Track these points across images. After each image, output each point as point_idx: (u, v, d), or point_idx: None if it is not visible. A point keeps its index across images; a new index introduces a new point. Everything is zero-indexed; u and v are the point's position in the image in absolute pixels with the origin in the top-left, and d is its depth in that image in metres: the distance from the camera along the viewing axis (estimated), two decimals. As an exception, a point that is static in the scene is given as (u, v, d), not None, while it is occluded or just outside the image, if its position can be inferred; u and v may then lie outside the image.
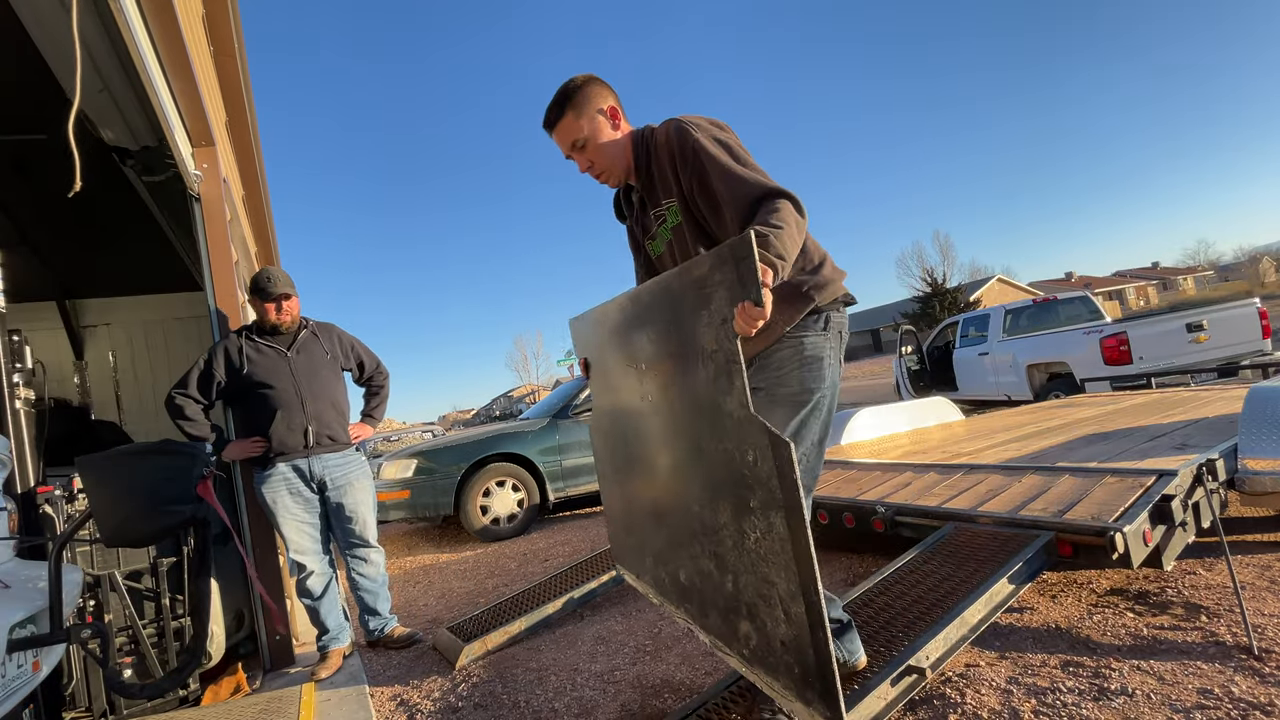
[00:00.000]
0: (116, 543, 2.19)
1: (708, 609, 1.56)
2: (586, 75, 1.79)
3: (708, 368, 1.39)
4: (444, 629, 3.07)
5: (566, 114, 1.76)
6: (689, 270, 1.40)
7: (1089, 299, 9.01)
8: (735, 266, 1.26)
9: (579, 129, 1.76)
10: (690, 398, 1.48)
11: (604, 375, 1.98)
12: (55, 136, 3.28)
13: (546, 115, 1.79)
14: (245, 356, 2.81)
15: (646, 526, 1.88)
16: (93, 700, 2.45)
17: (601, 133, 1.77)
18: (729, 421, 1.35)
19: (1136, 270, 68.05)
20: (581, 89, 1.76)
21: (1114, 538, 2.08)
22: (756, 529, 1.32)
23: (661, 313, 1.54)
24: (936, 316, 34.55)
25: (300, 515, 2.83)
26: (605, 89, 1.79)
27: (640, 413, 1.75)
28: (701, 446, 1.47)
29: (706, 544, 1.51)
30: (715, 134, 1.67)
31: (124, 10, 2.01)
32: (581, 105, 1.75)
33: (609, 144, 1.78)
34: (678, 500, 1.63)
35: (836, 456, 4.32)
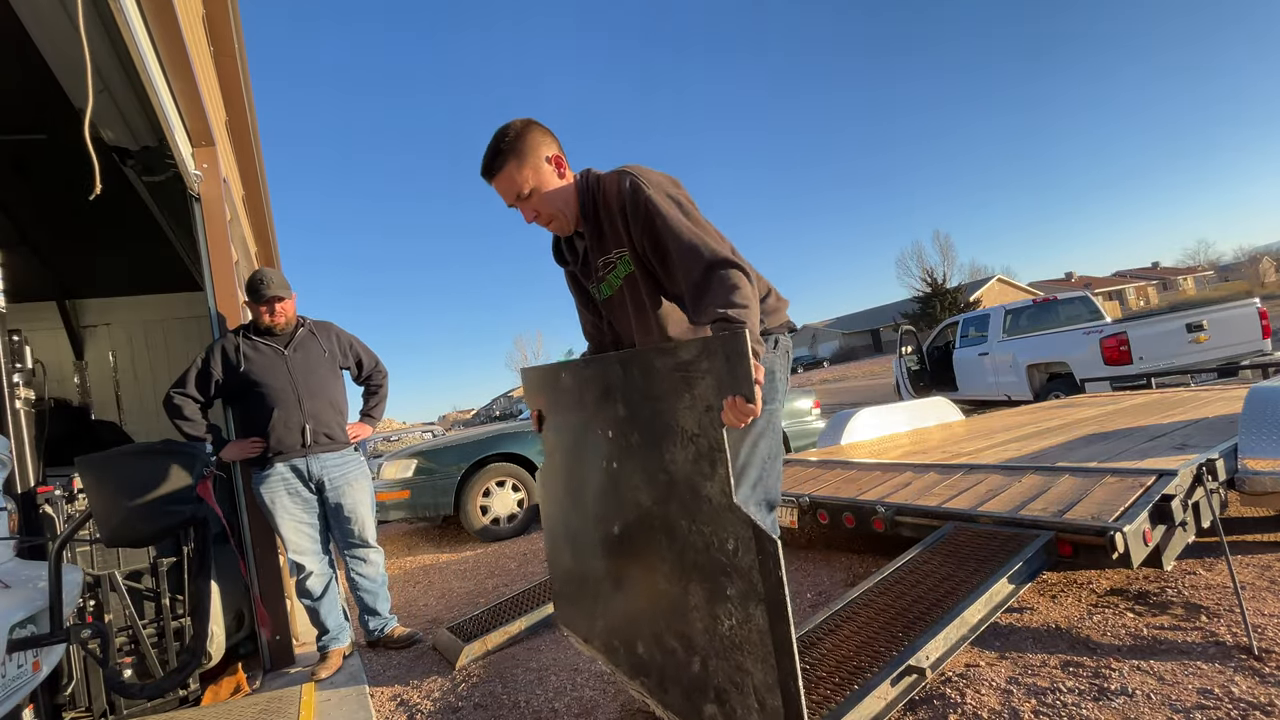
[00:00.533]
0: (116, 543, 2.19)
1: (668, 685, 1.54)
2: (525, 120, 1.71)
3: (688, 449, 1.37)
4: (444, 629, 3.07)
5: (508, 163, 1.67)
6: (673, 352, 1.37)
7: (1089, 299, 9.01)
8: (726, 361, 1.24)
9: (523, 179, 1.68)
10: (665, 475, 1.46)
11: (561, 433, 1.93)
12: (56, 137, 3.30)
13: (486, 164, 1.69)
14: (242, 355, 2.81)
15: (601, 591, 1.83)
16: (93, 700, 2.45)
17: (547, 182, 1.70)
18: (708, 507, 1.33)
19: (1136, 270, 68.06)
20: (523, 136, 1.67)
21: (1114, 537, 2.08)
22: (733, 616, 1.30)
23: (638, 386, 1.50)
24: (936, 316, 34.56)
25: (299, 515, 2.83)
26: (547, 135, 1.71)
27: (603, 477, 1.71)
28: (674, 525, 1.45)
29: (673, 622, 1.48)
30: (668, 190, 1.63)
31: (124, 10, 2.01)
32: (524, 154, 1.67)
33: (556, 193, 1.71)
34: (641, 573, 1.60)
35: (836, 456, 4.32)
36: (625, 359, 1.54)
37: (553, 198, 1.71)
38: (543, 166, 1.69)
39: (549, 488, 2.13)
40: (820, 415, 7.22)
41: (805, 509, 3.30)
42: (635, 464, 1.57)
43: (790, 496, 3.40)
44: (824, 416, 6.77)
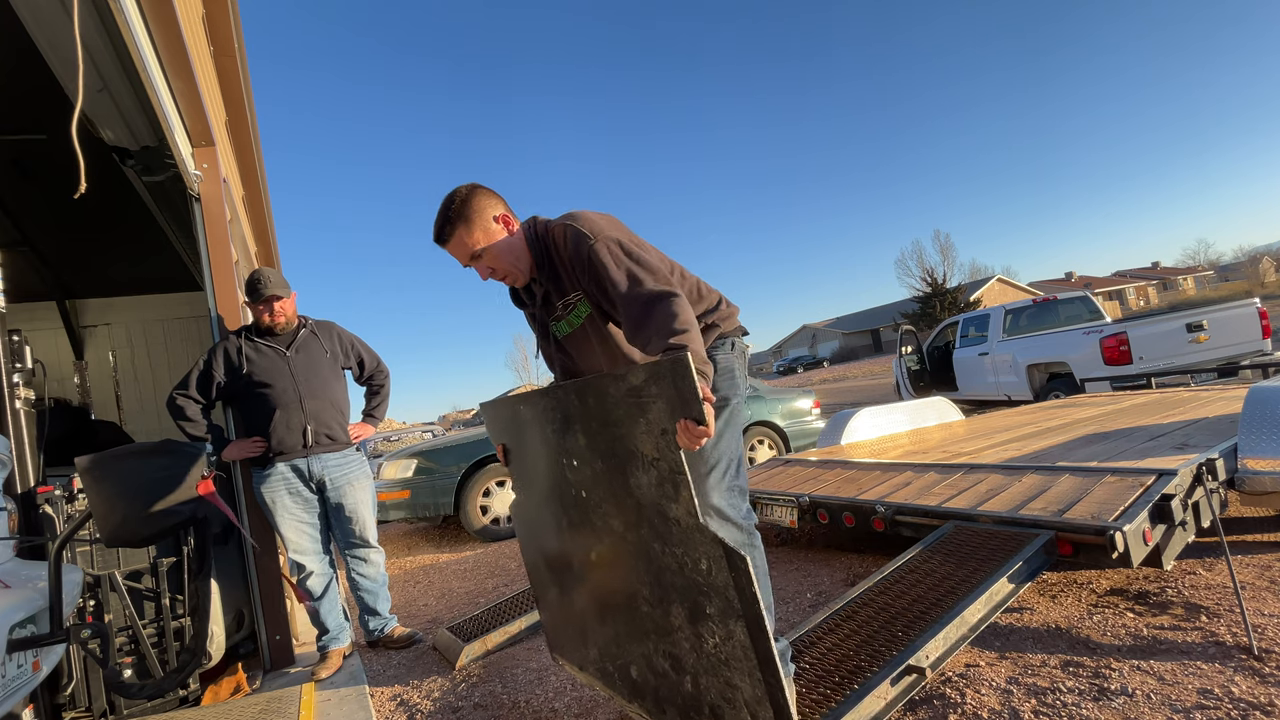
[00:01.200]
0: (116, 543, 2.20)
1: (665, 705, 1.54)
2: (470, 186, 1.79)
3: (650, 474, 1.38)
4: (444, 629, 3.07)
5: (457, 229, 1.75)
6: (624, 378, 1.37)
7: (1089, 299, 9.01)
8: (673, 384, 1.25)
9: (473, 241, 1.75)
10: (632, 500, 1.46)
11: (527, 464, 1.92)
12: (55, 137, 3.30)
13: (436, 231, 1.77)
14: (244, 356, 2.81)
15: (588, 619, 1.83)
16: (93, 700, 2.45)
17: (498, 242, 1.77)
18: (676, 529, 1.33)
19: (1136, 270, 68.06)
20: (469, 201, 1.75)
21: (1114, 537, 2.08)
22: (715, 634, 1.31)
23: (594, 414, 1.50)
24: (936, 316, 34.59)
25: (300, 515, 2.83)
26: (492, 197, 1.80)
27: (573, 506, 1.71)
28: (648, 549, 1.45)
29: (661, 644, 1.49)
30: (609, 238, 1.69)
31: (124, 10, 2.01)
32: (471, 218, 1.75)
33: (506, 249, 1.79)
34: (625, 598, 1.60)
35: (836, 456, 4.32)
36: (580, 388, 1.53)
37: (504, 254, 1.78)
38: (491, 227, 1.77)
39: (523, 520, 2.10)
40: (820, 415, 7.22)
41: (805, 509, 3.30)
42: (603, 492, 1.56)
43: (790, 496, 3.41)
44: (824, 416, 6.77)
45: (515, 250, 1.80)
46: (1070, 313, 8.81)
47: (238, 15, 3.69)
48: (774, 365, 60.29)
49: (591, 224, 1.72)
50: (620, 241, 1.69)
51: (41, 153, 3.52)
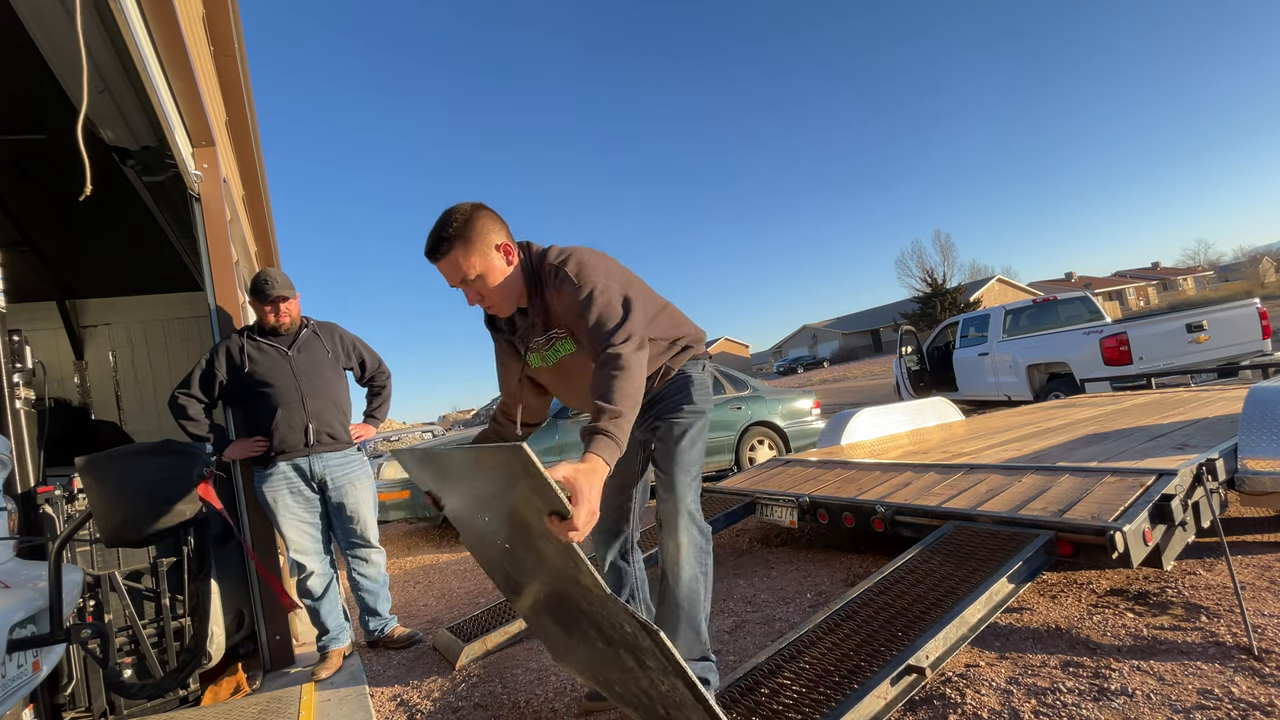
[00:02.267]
0: (116, 543, 2.19)
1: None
2: (474, 205, 1.71)
3: (547, 545, 1.33)
4: (444, 629, 3.07)
5: (455, 248, 1.66)
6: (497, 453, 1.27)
7: (1089, 299, 9.01)
8: (526, 479, 1.20)
9: (469, 266, 1.67)
10: (545, 563, 1.42)
11: (457, 513, 1.86)
12: (55, 137, 3.30)
13: (431, 245, 1.68)
14: (246, 356, 2.81)
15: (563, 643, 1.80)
16: (93, 700, 2.45)
17: (495, 271, 1.71)
18: (592, 596, 1.29)
19: (1136, 270, 68.04)
20: (471, 222, 1.67)
21: (1114, 537, 2.08)
22: (664, 684, 1.31)
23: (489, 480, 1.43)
24: (937, 316, 34.59)
25: (301, 515, 2.83)
26: (496, 222, 1.73)
27: (506, 556, 1.67)
28: (579, 605, 1.41)
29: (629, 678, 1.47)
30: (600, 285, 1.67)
31: (124, 11, 2.01)
32: (472, 241, 1.67)
33: (502, 280, 1.73)
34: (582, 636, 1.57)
35: (836, 456, 4.32)
36: (476, 455, 1.42)
37: (498, 284, 1.73)
38: (491, 254, 1.70)
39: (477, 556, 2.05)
40: (820, 415, 7.22)
41: (805, 509, 3.30)
42: (522, 548, 1.51)
43: (790, 496, 3.41)
44: (824, 416, 6.77)
45: (510, 282, 1.75)
46: (1070, 313, 8.81)
47: (238, 15, 3.69)
48: (774, 365, 60.28)
49: (584, 271, 1.69)
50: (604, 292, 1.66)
51: (41, 153, 3.52)
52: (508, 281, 1.74)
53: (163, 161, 3.00)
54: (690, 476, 1.92)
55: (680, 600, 1.89)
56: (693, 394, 1.99)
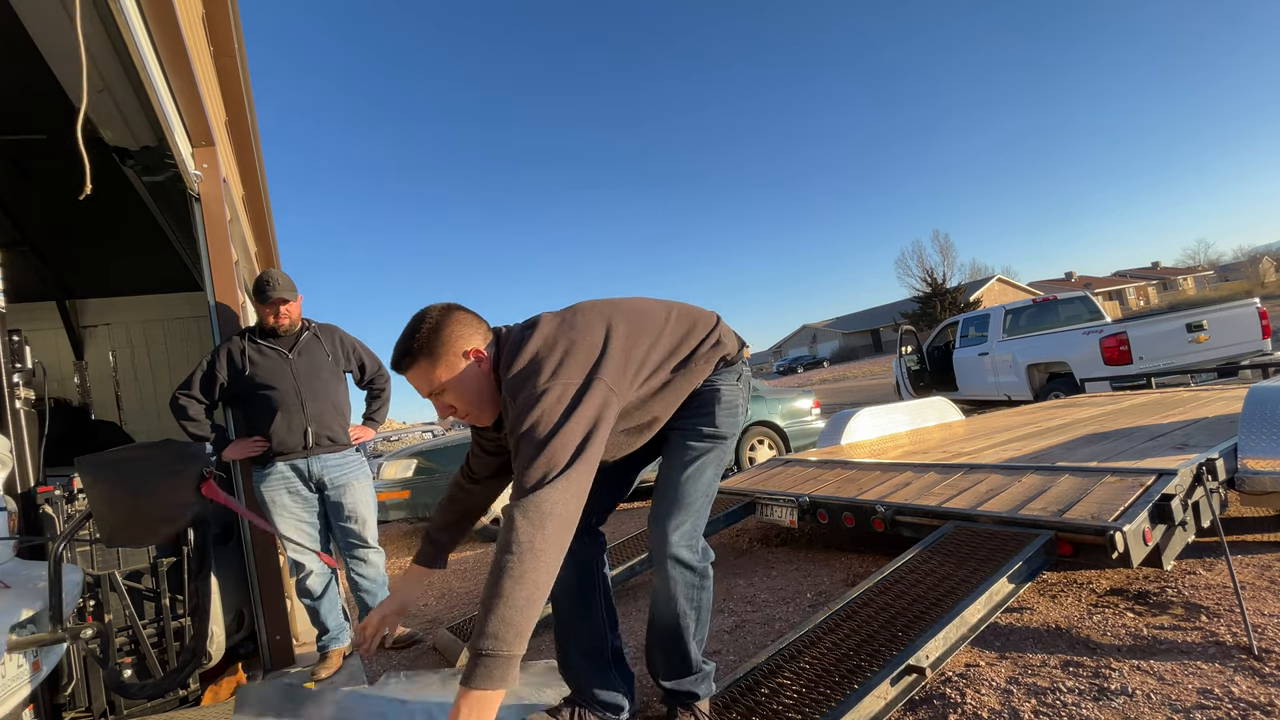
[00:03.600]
0: (116, 543, 2.19)
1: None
2: (444, 309, 1.57)
3: None
4: (444, 629, 3.06)
5: (419, 361, 1.52)
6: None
7: (1089, 299, 9.01)
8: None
9: (436, 377, 1.53)
10: None
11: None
12: (55, 137, 3.29)
13: (396, 357, 1.55)
14: (247, 358, 2.82)
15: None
16: (93, 700, 2.45)
17: (465, 380, 1.55)
18: None
19: (1136, 270, 68.04)
20: (438, 331, 1.52)
21: (1114, 537, 2.08)
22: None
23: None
24: (937, 316, 34.60)
25: (299, 515, 2.84)
26: (467, 326, 1.56)
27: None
28: None
29: None
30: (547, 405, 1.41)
31: (124, 10, 2.01)
32: (437, 350, 1.52)
33: (476, 391, 1.56)
34: None
35: (836, 456, 4.32)
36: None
37: (469, 393, 1.56)
38: (458, 364, 1.54)
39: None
40: (820, 415, 7.22)
41: (805, 509, 3.30)
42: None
43: (790, 496, 3.40)
44: (824, 416, 6.77)
45: (482, 389, 1.57)
46: (1070, 313, 8.81)
47: (238, 15, 3.69)
48: (774, 365, 60.29)
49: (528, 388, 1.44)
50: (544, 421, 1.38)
51: (41, 153, 3.52)
52: (482, 391, 1.57)
53: (162, 161, 2.99)
54: (687, 513, 1.73)
55: (661, 630, 1.79)
56: (716, 414, 1.77)
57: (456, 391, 1.55)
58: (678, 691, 1.81)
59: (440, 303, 1.60)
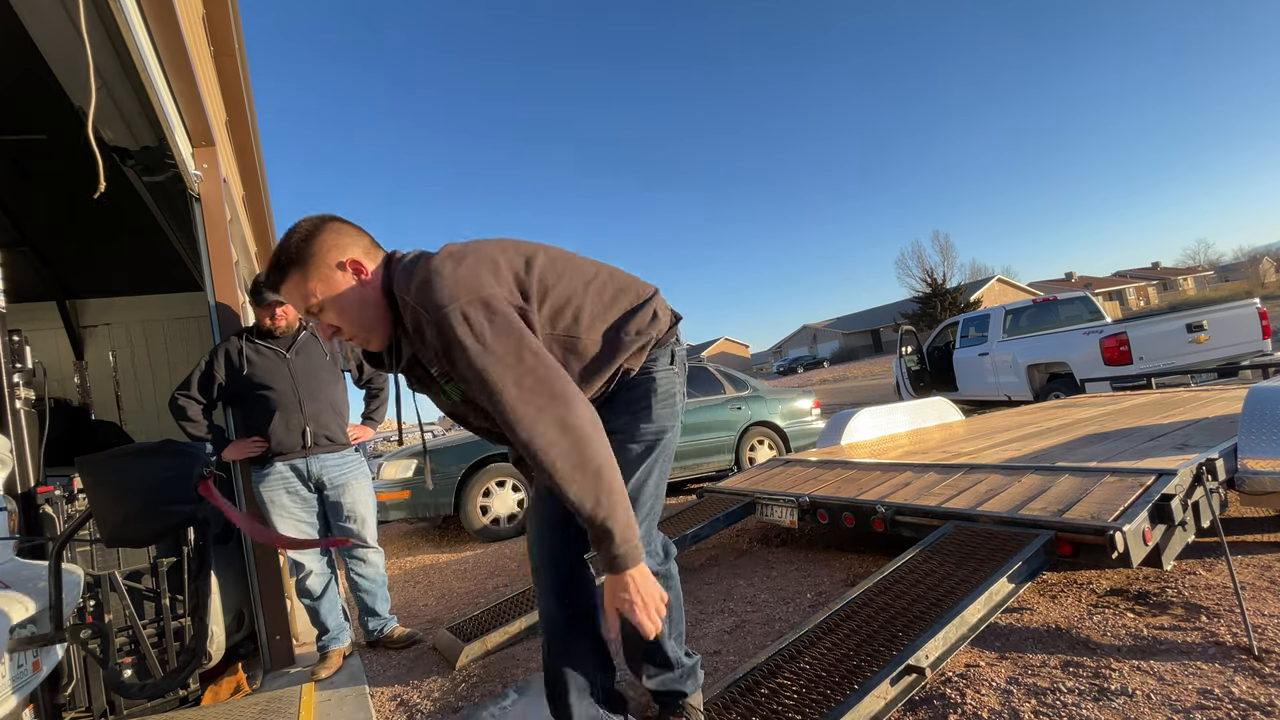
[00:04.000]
0: (116, 543, 2.19)
1: None
2: (316, 220, 1.43)
3: None
4: (444, 629, 3.07)
5: (290, 275, 1.39)
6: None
7: (1089, 299, 9.00)
8: None
9: (309, 290, 1.39)
10: None
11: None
12: (55, 137, 3.30)
13: (266, 274, 1.45)
14: (245, 358, 2.82)
15: None
16: (93, 700, 2.45)
17: (342, 295, 1.40)
18: None
19: (1136, 270, 68.04)
20: (310, 240, 1.39)
21: (1114, 537, 2.08)
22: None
23: None
24: (937, 316, 34.61)
25: (298, 514, 2.84)
26: (343, 235, 1.43)
27: None
28: None
29: None
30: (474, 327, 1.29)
31: (124, 10, 2.01)
32: (308, 261, 1.38)
33: (357, 308, 1.41)
34: None
35: (836, 456, 4.32)
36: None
37: (352, 312, 1.41)
38: (334, 276, 1.40)
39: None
40: (820, 415, 7.22)
41: (805, 509, 3.30)
42: None
43: (790, 496, 3.40)
44: (824, 416, 6.77)
45: (365, 307, 1.42)
46: (1070, 313, 8.81)
47: (238, 15, 3.69)
48: (774, 365, 60.31)
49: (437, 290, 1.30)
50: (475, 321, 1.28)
51: (41, 153, 3.52)
52: (360, 306, 1.42)
53: (163, 161, 3.00)
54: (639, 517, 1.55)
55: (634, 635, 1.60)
56: (653, 409, 1.59)
57: (336, 309, 1.41)
58: (664, 692, 1.75)
59: (315, 215, 1.46)
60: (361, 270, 1.42)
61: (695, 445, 6.52)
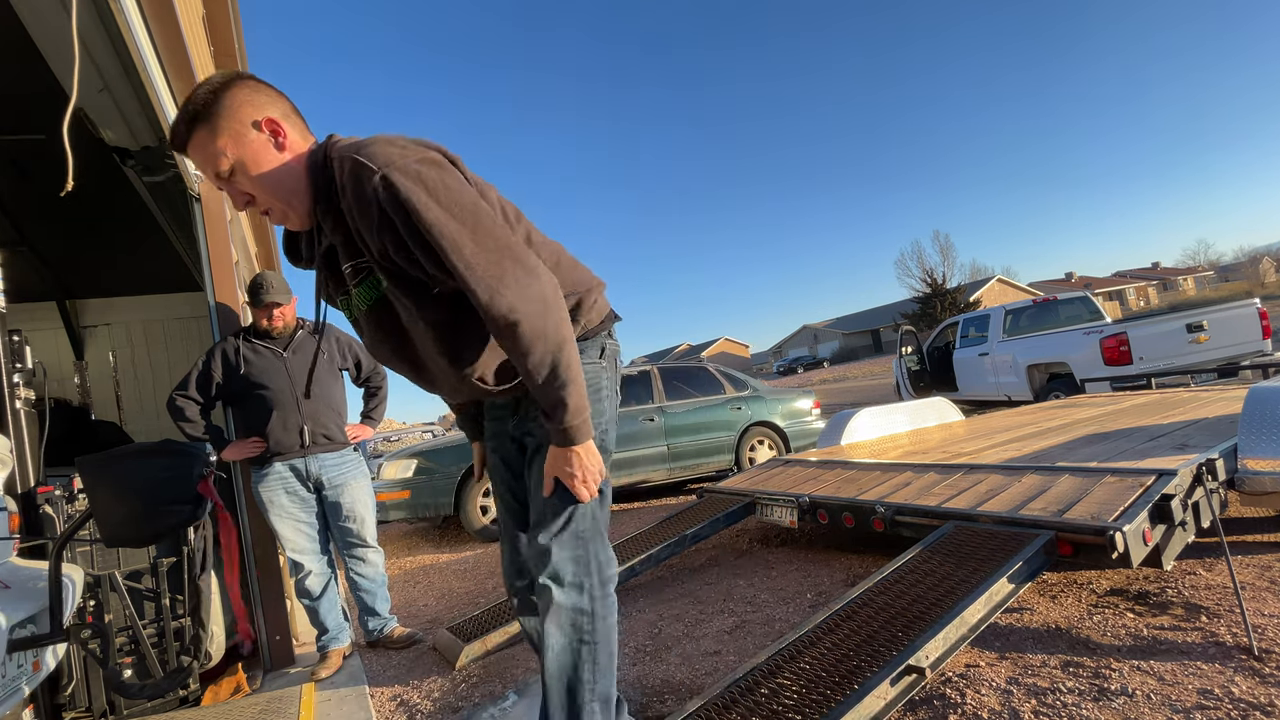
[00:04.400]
0: (116, 543, 2.19)
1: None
2: (228, 75, 1.28)
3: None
4: (444, 629, 3.07)
5: (196, 132, 1.25)
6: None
7: (1089, 299, 9.00)
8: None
9: (219, 149, 1.24)
10: None
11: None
12: (55, 136, 3.29)
13: (172, 131, 1.28)
14: (242, 358, 2.82)
15: None
16: (93, 700, 2.45)
17: (256, 157, 1.26)
18: None
19: (1136, 270, 68.05)
20: (218, 96, 1.24)
21: (1114, 537, 2.08)
22: None
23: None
24: (937, 317, 34.61)
25: (297, 514, 2.84)
26: (259, 93, 1.28)
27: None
28: None
29: None
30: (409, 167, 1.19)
31: (124, 10, 2.01)
32: (217, 117, 1.23)
33: (272, 173, 1.27)
34: None
35: (836, 456, 4.32)
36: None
37: (267, 180, 1.27)
38: (247, 135, 1.25)
39: None
40: (820, 415, 7.22)
41: (805, 509, 3.30)
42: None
43: (790, 497, 3.40)
44: (824, 416, 6.77)
45: (284, 177, 1.28)
46: (1070, 313, 8.81)
47: (238, 15, 3.69)
48: (774, 365, 60.34)
49: (382, 150, 1.20)
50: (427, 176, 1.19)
51: (41, 153, 3.51)
52: (277, 175, 1.27)
53: (163, 161, 3.00)
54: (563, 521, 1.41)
55: (549, 677, 1.43)
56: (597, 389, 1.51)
57: (248, 173, 1.26)
58: None
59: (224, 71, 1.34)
60: (279, 132, 1.28)
61: (695, 445, 6.53)
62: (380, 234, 1.22)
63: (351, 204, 1.22)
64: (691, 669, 2.40)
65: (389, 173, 1.17)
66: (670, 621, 2.92)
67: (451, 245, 1.18)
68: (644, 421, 6.37)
